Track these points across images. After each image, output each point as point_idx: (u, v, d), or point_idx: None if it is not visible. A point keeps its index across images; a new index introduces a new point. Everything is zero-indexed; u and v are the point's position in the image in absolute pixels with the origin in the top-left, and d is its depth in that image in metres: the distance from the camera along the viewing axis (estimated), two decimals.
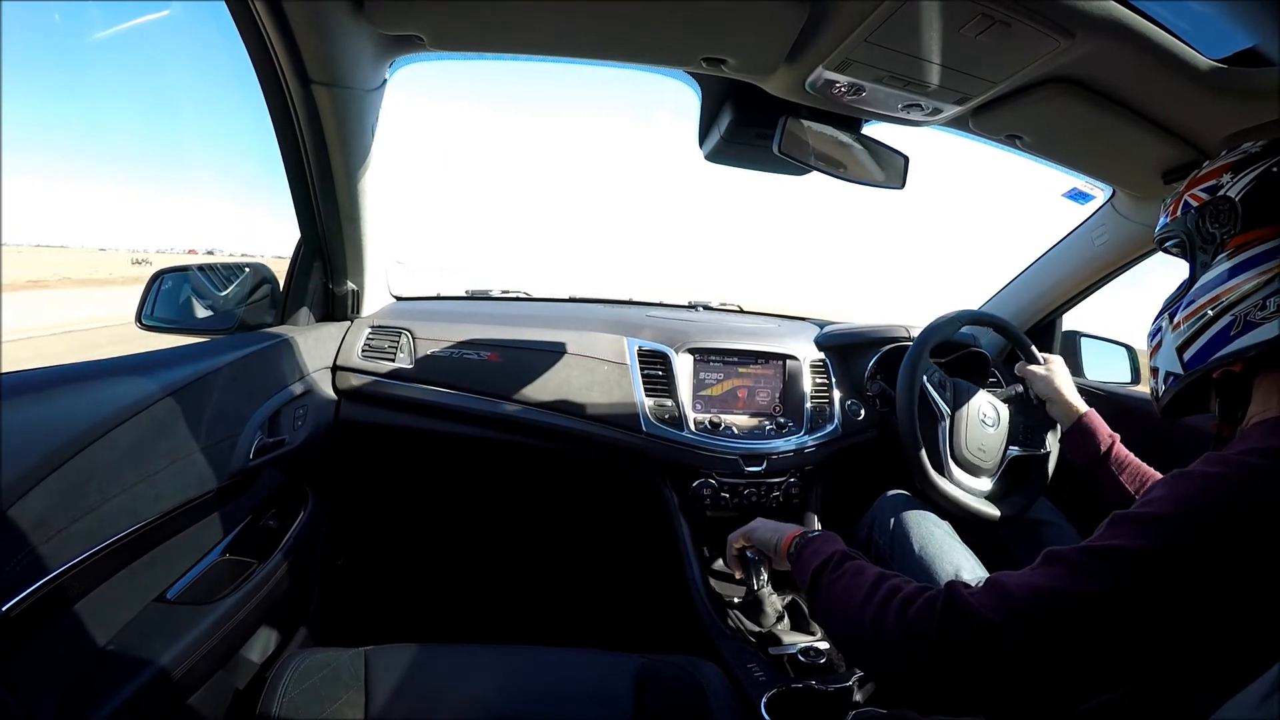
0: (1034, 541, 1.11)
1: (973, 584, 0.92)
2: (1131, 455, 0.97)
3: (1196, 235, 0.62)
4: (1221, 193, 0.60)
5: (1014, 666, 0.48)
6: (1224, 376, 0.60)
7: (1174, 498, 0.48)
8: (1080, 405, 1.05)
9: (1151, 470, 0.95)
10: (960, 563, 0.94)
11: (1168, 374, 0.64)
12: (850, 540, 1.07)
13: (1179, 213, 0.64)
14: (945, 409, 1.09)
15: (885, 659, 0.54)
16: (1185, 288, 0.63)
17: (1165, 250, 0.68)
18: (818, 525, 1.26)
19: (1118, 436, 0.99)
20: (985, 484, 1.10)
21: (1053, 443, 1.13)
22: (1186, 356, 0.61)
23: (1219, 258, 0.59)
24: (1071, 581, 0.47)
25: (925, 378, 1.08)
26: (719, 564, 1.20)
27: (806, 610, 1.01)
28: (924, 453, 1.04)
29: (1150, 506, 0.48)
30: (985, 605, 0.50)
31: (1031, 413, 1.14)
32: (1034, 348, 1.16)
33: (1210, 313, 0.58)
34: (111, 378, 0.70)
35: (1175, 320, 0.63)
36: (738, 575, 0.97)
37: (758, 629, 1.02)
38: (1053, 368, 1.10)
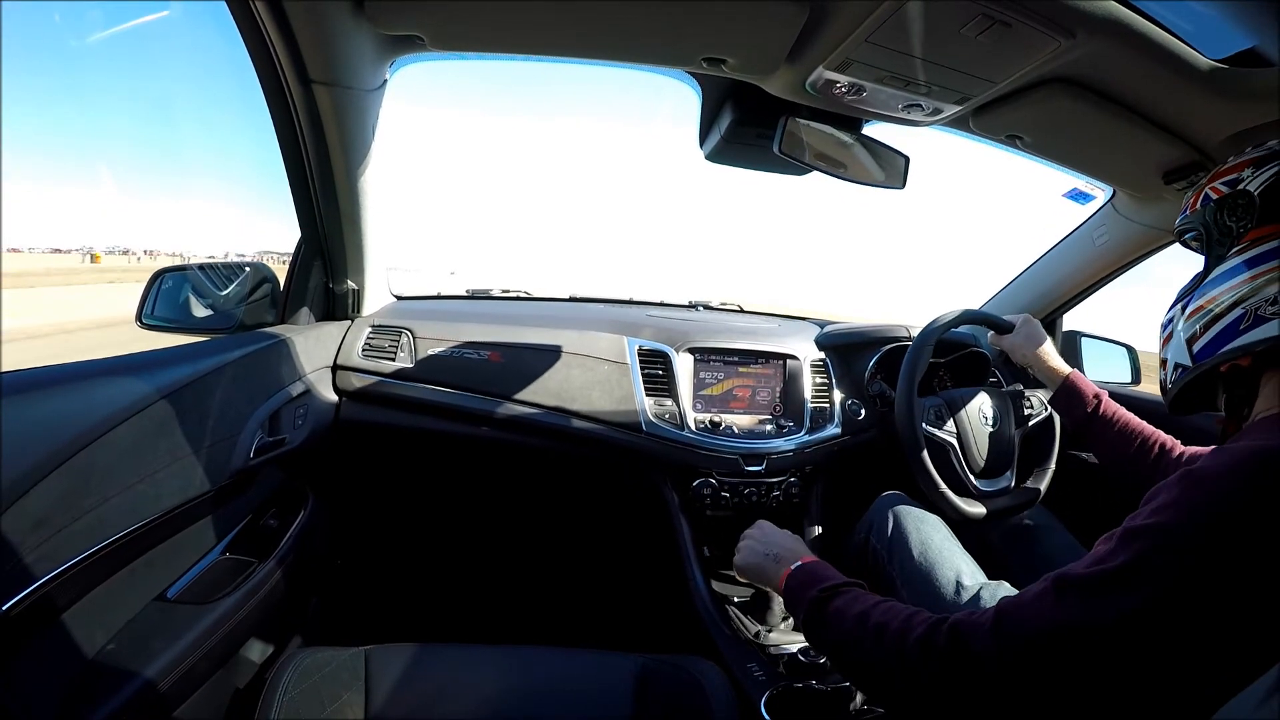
0: (1028, 545, 1.11)
1: (973, 594, 0.88)
2: (1121, 410, 0.97)
3: (1214, 228, 0.61)
4: (1241, 186, 0.59)
5: (1022, 702, 0.47)
6: (1232, 371, 0.59)
7: (1186, 504, 0.45)
8: (1062, 367, 1.04)
9: (1142, 423, 0.95)
10: (960, 567, 0.92)
11: (1176, 365, 0.64)
12: (848, 545, 1.07)
13: (1199, 205, 0.64)
14: (949, 439, 1.09)
15: (886, 691, 0.54)
16: (1199, 280, 0.62)
17: (1184, 243, 0.68)
18: (817, 531, 1.25)
19: (1105, 394, 0.99)
20: (1009, 478, 1.11)
21: (1048, 400, 1.13)
22: (1196, 349, 0.60)
23: (1234, 251, 0.59)
24: (1088, 613, 0.45)
25: (924, 423, 1.08)
26: (725, 571, 1.20)
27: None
28: (947, 491, 1.04)
29: (1162, 516, 0.46)
30: (994, 639, 0.48)
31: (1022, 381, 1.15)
32: (1000, 317, 1.14)
33: (1221, 306, 0.58)
34: (112, 377, 0.70)
35: (1187, 312, 0.62)
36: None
37: (758, 628, 1.02)
38: (1026, 330, 1.09)
